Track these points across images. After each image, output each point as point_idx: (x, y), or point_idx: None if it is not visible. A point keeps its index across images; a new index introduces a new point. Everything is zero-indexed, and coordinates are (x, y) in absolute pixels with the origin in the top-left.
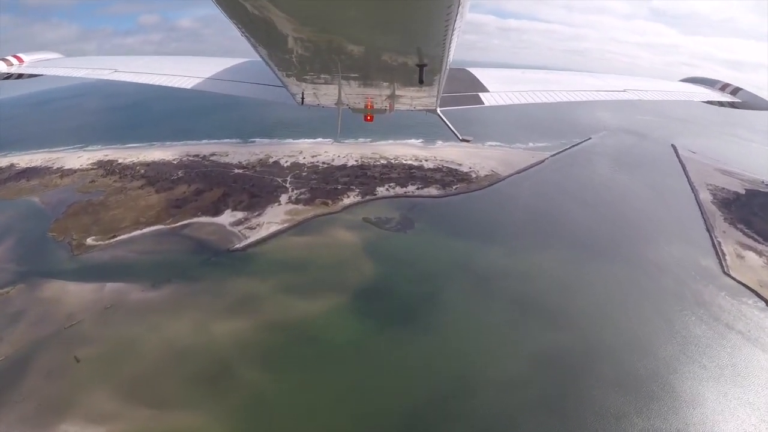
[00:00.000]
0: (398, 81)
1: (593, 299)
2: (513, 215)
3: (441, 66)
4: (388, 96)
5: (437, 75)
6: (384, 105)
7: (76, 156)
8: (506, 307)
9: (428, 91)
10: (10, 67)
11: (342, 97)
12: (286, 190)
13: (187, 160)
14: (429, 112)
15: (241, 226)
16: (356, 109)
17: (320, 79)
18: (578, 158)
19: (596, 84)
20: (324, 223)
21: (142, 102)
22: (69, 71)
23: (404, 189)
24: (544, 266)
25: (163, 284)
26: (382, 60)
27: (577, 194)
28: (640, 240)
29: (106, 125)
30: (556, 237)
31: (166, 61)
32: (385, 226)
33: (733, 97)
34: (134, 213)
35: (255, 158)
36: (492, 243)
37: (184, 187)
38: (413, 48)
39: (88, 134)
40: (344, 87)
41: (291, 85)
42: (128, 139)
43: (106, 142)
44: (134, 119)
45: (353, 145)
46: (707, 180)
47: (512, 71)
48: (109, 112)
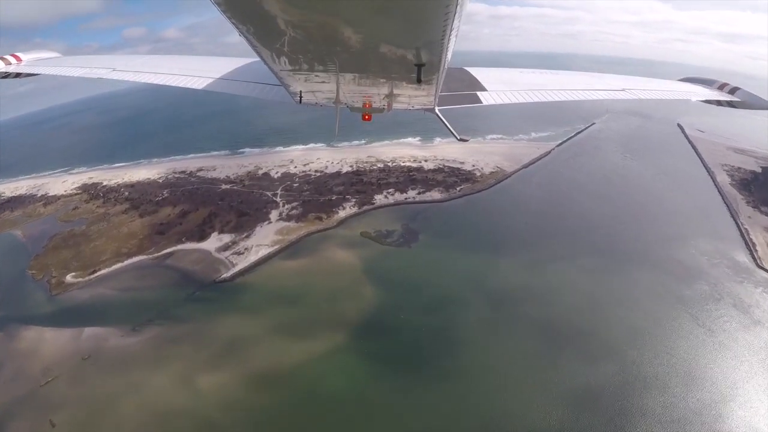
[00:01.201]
0: (396, 80)
1: (626, 317)
2: (524, 218)
3: (439, 65)
4: (386, 95)
5: (435, 74)
6: (382, 104)
7: (62, 181)
8: (532, 337)
9: (426, 91)
10: (8, 66)
11: (340, 96)
12: (277, 205)
13: (173, 178)
14: (427, 112)
15: (228, 251)
16: (354, 108)
17: (318, 78)
18: (586, 146)
19: (595, 83)
20: (318, 241)
21: (135, 116)
22: (67, 70)
23: (404, 195)
24: (567, 279)
25: (144, 327)
26: (380, 59)
27: (591, 187)
28: (665, 237)
29: (96, 144)
30: (575, 241)
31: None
32: (386, 240)
33: (731, 96)
34: (116, 243)
35: (244, 171)
36: (505, 254)
37: (168, 210)
38: (411, 48)
39: (76, 156)
40: (342, 86)
41: (289, 84)
42: (116, 157)
43: (93, 163)
44: (124, 135)
45: (347, 149)
46: (722, 160)
47: (510, 71)
48: (101, 130)
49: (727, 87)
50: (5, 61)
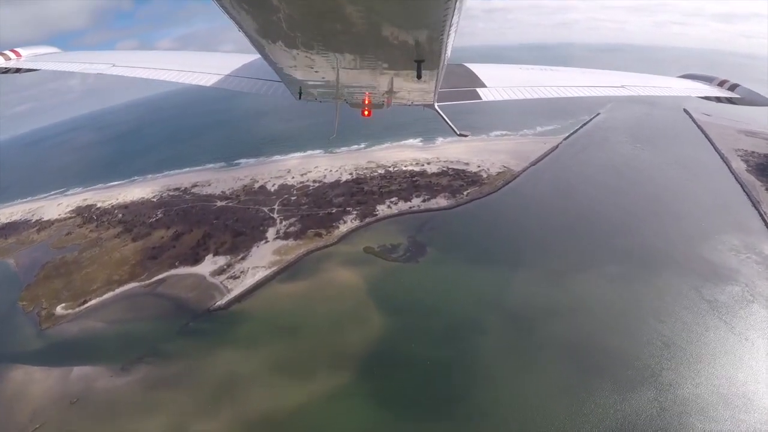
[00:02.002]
0: (396, 76)
1: (659, 331)
2: (538, 222)
3: (439, 62)
4: (385, 91)
5: (435, 71)
6: (382, 99)
7: (56, 204)
8: (560, 364)
9: (426, 87)
10: (7, 62)
11: (339, 92)
12: (274, 221)
13: (167, 196)
14: (427, 108)
15: (223, 275)
16: (354, 104)
17: (318, 73)
18: (593, 138)
19: (594, 80)
20: (319, 260)
21: (132, 131)
22: (67, 65)
23: (408, 203)
24: (592, 291)
25: (134, 365)
26: (380, 55)
27: (603, 182)
28: (687, 232)
29: (91, 162)
30: (595, 245)
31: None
32: (391, 255)
33: (731, 93)
34: (107, 270)
35: (239, 184)
36: (522, 265)
37: (161, 232)
38: (411, 44)
39: (72, 175)
40: (342, 82)
41: (289, 79)
42: (111, 175)
43: (88, 183)
44: (120, 152)
45: (346, 155)
46: (734, 145)
47: (510, 67)
48: (97, 147)
49: (726, 83)
50: (5, 56)
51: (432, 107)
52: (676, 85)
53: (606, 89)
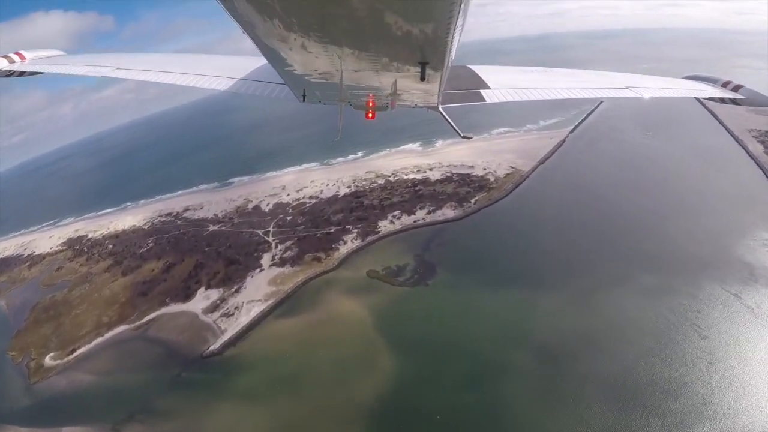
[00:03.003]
0: (400, 78)
1: (704, 350)
2: (555, 229)
3: (443, 64)
4: (390, 93)
5: (439, 73)
6: (386, 102)
7: (48, 236)
8: (603, 405)
9: (430, 89)
10: (11, 65)
11: (343, 95)
12: (269, 246)
13: (158, 223)
14: (430, 109)
15: (216, 312)
16: (358, 106)
17: (321, 76)
18: (601, 129)
19: (599, 81)
20: (318, 289)
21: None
22: (71, 68)
23: (412, 217)
24: (628, 312)
25: (126, 425)
26: (384, 58)
27: (618, 178)
28: (716, 229)
29: (84, 190)
30: (621, 253)
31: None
32: (398, 279)
33: (735, 94)
34: (97, 310)
35: (233, 206)
36: (545, 285)
37: (152, 264)
38: (415, 46)
39: (65, 205)
40: (345, 84)
41: (292, 82)
42: (103, 203)
43: (80, 213)
44: (113, 177)
45: (343, 166)
46: (746, 125)
47: (514, 68)
48: (90, 173)
49: (730, 84)
50: (9, 59)
51: (436, 109)
52: (680, 86)
53: (611, 90)
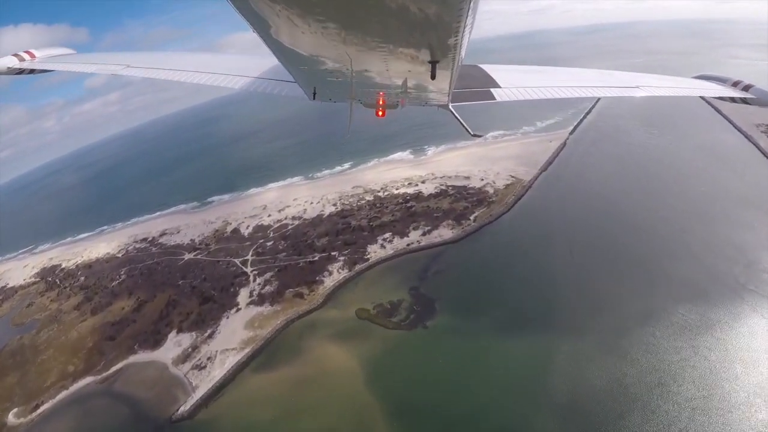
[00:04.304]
0: (410, 77)
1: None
2: (568, 250)
3: (453, 62)
4: (400, 91)
5: (449, 71)
6: (396, 100)
7: (23, 265)
8: None
9: (440, 87)
10: (22, 63)
11: (354, 92)
12: (247, 278)
13: (133, 250)
14: (441, 108)
15: (188, 363)
16: (368, 104)
17: (331, 74)
18: (602, 128)
19: (608, 80)
20: (301, 333)
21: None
22: (81, 67)
23: (405, 239)
24: (666, 356)
25: None
26: (394, 56)
27: (629, 184)
28: (748, 244)
29: (64, 211)
30: (648, 280)
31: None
32: (392, 319)
33: (745, 93)
34: (64, 356)
35: (210, 229)
36: (564, 325)
37: (123, 301)
38: (426, 44)
39: (43, 228)
40: (356, 82)
41: (303, 80)
42: (80, 226)
43: (56, 238)
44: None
45: (329, 180)
46: (753, 120)
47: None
48: (71, 192)
49: (740, 84)
50: (19, 57)
51: (446, 107)
52: (690, 85)
53: (621, 90)
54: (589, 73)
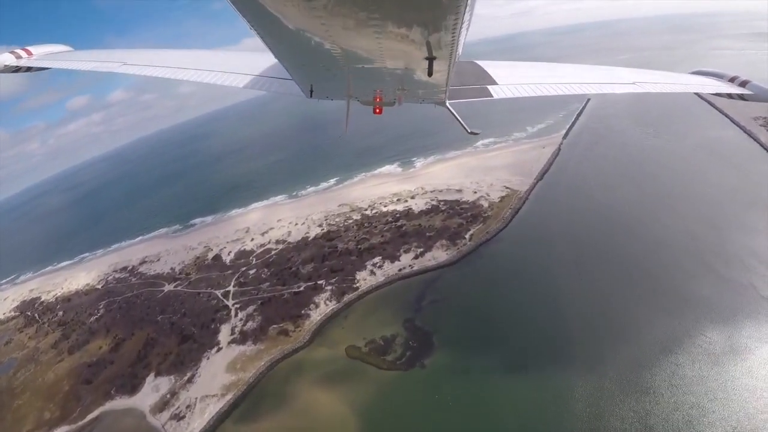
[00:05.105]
0: (407, 73)
1: None
2: (574, 269)
3: (450, 59)
4: (397, 88)
5: (446, 68)
6: (393, 97)
7: (4, 297)
8: None
9: (437, 84)
10: (18, 60)
11: (350, 90)
12: (228, 313)
13: (112, 281)
14: (438, 105)
15: (166, 411)
16: (365, 102)
17: (329, 71)
18: (596, 131)
19: (605, 76)
20: (287, 377)
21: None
22: (77, 64)
23: (396, 264)
24: (692, 388)
25: None
26: (391, 52)
27: (631, 189)
28: (763, 250)
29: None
30: (661, 298)
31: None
32: (386, 358)
33: (742, 89)
34: (40, 401)
35: (191, 256)
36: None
37: (100, 340)
38: (422, 41)
39: (25, 256)
40: (353, 80)
41: (299, 77)
42: (62, 253)
43: (38, 266)
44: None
45: (314, 198)
46: (751, 113)
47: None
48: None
49: (737, 80)
50: (16, 54)
51: (443, 104)
52: (687, 81)
53: (617, 86)
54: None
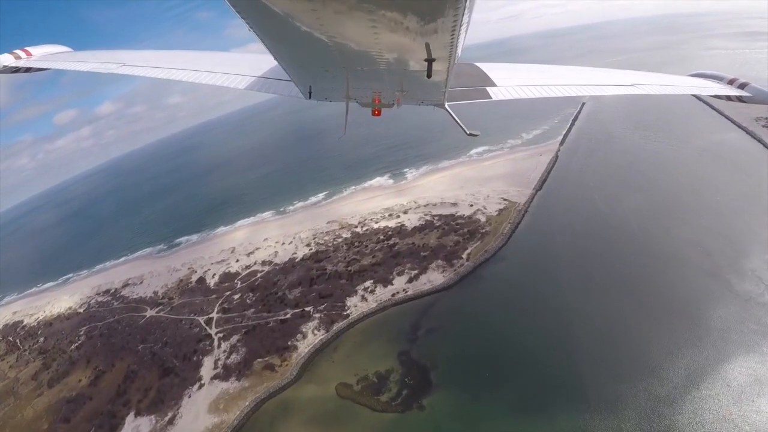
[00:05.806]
0: (406, 75)
1: None
2: (581, 291)
3: (449, 60)
4: (396, 90)
5: (445, 69)
6: (392, 99)
7: None
8: None
9: (436, 86)
10: (18, 61)
11: (349, 91)
12: (211, 344)
13: (94, 305)
14: (437, 107)
15: None
16: (364, 103)
17: (328, 72)
18: (594, 136)
19: (605, 78)
20: (273, 418)
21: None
22: (77, 65)
23: (389, 288)
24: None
25: None
26: (390, 54)
27: (636, 198)
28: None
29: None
30: (681, 325)
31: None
32: (380, 398)
33: (741, 91)
34: None
35: (175, 279)
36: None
37: (80, 371)
38: (421, 43)
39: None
40: (352, 81)
41: (299, 79)
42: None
43: (23, 287)
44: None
45: (301, 214)
46: (751, 114)
47: (520, 66)
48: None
49: (736, 82)
50: (15, 55)
51: (442, 106)
52: (686, 83)
53: (617, 88)
54: (584, 71)
